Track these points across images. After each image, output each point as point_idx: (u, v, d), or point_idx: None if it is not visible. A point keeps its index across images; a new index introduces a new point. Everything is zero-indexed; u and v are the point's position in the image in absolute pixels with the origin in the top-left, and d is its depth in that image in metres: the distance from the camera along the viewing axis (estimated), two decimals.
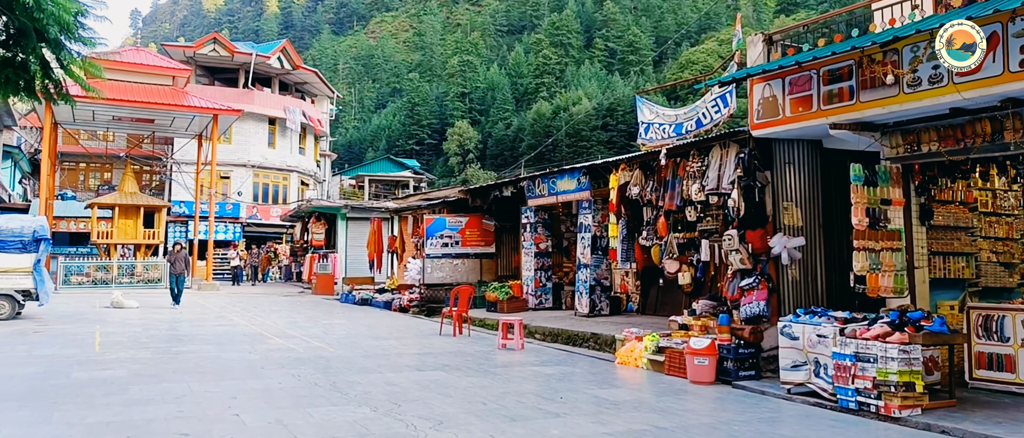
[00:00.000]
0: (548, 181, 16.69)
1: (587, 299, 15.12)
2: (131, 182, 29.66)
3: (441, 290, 19.83)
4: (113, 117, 29.29)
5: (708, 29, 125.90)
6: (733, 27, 62.40)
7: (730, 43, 68.66)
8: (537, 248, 17.34)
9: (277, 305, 22.19)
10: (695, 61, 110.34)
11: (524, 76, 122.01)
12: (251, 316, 18.14)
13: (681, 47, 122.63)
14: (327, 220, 30.14)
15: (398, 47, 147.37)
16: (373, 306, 22.25)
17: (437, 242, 19.96)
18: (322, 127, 47.02)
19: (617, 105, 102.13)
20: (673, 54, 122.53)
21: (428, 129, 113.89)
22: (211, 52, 40.71)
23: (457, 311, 14.35)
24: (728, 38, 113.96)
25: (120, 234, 28.67)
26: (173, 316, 17.66)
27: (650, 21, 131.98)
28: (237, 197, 40.30)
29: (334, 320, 17.57)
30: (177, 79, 29.76)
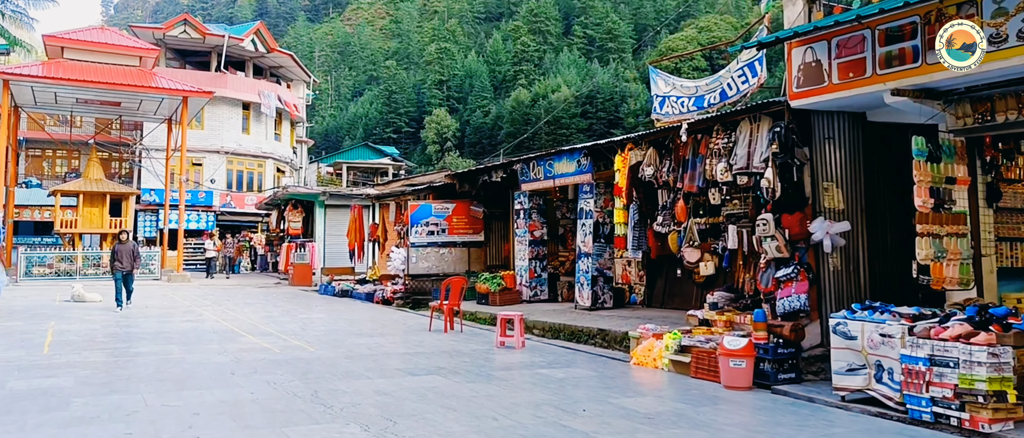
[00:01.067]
0: (544, 164, 15.48)
1: (589, 291, 13.95)
2: (96, 168, 28.02)
3: (427, 281, 18.61)
4: (77, 100, 27.60)
5: (687, 16, 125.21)
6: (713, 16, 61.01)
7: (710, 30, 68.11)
8: (532, 236, 16.14)
9: (252, 298, 20.83)
10: (675, 48, 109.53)
11: (502, 64, 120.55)
12: (223, 310, 16.78)
13: (660, 35, 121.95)
14: (305, 208, 28.74)
15: (375, 34, 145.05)
16: (354, 298, 20.97)
17: (422, 230, 18.70)
18: (298, 112, 45.41)
19: (596, 93, 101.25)
20: (653, 42, 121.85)
21: (405, 117, 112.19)
22: (182, 34, 38.96)
23: (448, 305, 13.13)
24: (707, 25, 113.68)
25: (85, 223, 27.05)
26: (137, 312, 16.26)
27: (629, 9, 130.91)
28: (210, 184, 38.66)
29: (313, 314, 16.27)
30: (144, 60, 28.12)
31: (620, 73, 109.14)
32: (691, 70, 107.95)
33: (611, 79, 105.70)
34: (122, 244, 16.60)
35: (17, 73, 24.17)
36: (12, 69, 24.47)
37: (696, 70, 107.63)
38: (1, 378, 8.31)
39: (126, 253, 16.32)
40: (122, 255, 16.25)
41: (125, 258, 16.25)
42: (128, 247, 16.56)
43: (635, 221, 12.10)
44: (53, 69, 25.25)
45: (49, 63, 26.07)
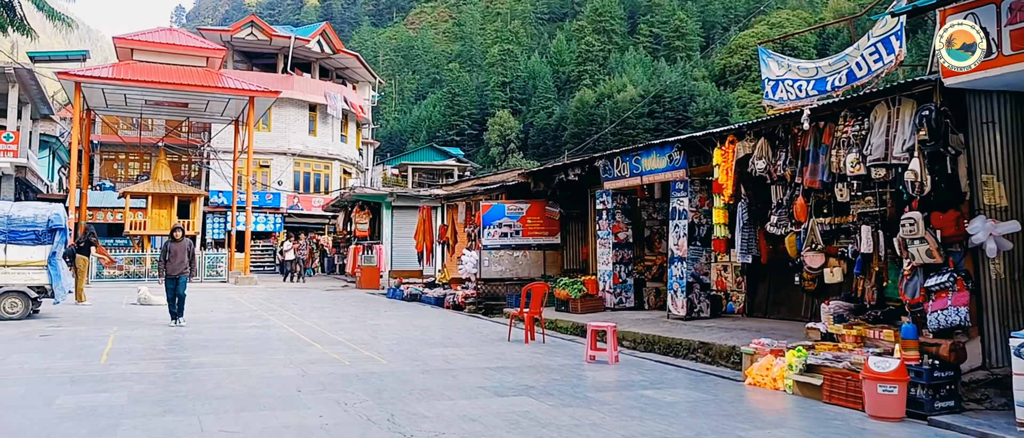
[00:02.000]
0: (630, 159, 14.27)
1: (683, 299, 12.68)
2: (164, 170, 27.90)
3: (500, 286, 17.58)
4: (146, 101, 27.54)
5: (757, 12, 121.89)
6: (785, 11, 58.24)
7: (782, 26, 65.21)
8: (616, 238, 14.92)
9: (319, 301, 20.13)
10: (745, 45, 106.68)
11: (566, 64, 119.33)
12: (290, 315, 16.05)
13: (730, 32, 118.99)
14: (371, 209, 28.09)
15: (438, 37, 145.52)
16: (423, 302, 20.08)
17: (495, 232, 17.67)
18: (364, 114, 45.08)
19: (664, 92, 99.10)
20: (722, 39, 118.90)
21: (468, 119, 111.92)
22: (249, 36, 38.95)
23: (529, 312, 12.03)
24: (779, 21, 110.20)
25: (154, 224, 26.93)
26: (202, 317, 15.63)
27: (696, 5, 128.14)
28: (277, 186, 38.52)
29: (382, 320, 15.38)
30: (212, 60, 27.91)
31: (688, 72, 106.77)
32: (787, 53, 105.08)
33: (679, 78, 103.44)
34: (175, 242, 13.60)
35: (87, 75, 24.14)
36: (83, 71, 24.46)
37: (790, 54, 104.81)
38: (51, 392, 7.56)
39: (180, 252, 13.53)
40: (174, 255, 13.46)
41: (178, 258, 13.48)
42: (182, 245, 13.59)
43: (744, 221, 10.81)
44: (122, 71, 25.18)
45: (119, 65, 26.05)
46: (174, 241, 13.62)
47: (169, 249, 13.54)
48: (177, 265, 13.41)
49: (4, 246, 14.16)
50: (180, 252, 13.51)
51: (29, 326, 13.30)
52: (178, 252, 13.48)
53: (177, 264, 13.41)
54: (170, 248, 13.53)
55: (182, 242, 13.68)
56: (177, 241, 13.61)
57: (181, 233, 13.90)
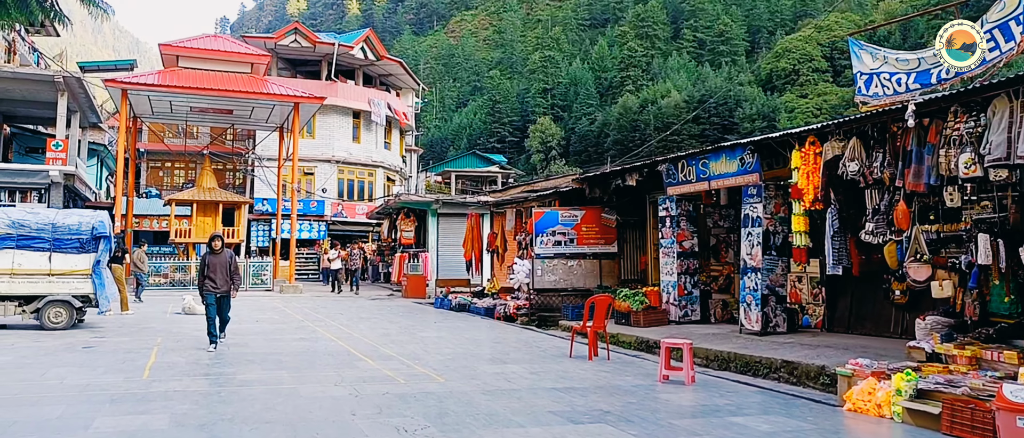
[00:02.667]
0: (696, 163, 13.41)
1: (758, 312, 11.77)
2: (210, 177, 27.70)
3: (554, 296, 16.81)
4: (191, 108, 27.39)
5: (804, 16, 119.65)
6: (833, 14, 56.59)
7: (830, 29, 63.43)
8: (680, 247, 14.06)
9: (365, 311, 19.58)
10: (792, 49, 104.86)
11: (608, 70, 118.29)
12: (337, 326, 15.48)
13: (776, 36, 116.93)
14: (417, 217, 27.52)
15: (478, 45, 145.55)
16: (472, 312, 19.40)
17: (548, 240, 16.92)
18: (408, 121, 44.74)
19: (709, 97, 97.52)
20: (767, 43, 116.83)
21: (509, 126, 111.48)
22: (292, 43, 38.85)
23: (592, 327, 11.23)
24: (827, 24, 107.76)
25: (199, 232, 26.70)
26: (248, 327, 15.14)
27: (741, 9, 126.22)
28: (321, 193, 38.27)
29: (433, 332, 14.71)
30: (256, 66, 27.66)
31: (733, 77, 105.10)
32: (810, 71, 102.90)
33: (724, 83, 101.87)
34: (214, 254, 11.62)
35: (134, 82, 24.02)
36: (129, 78, 24.38)
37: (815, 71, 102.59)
38: (90, 413, 6.99)
39: (220, 267, 11.57)
40: (215, 270, 11.51)
41: (219, 274, 11.52)
42: (223, 258, 11.64)
43: (835, 229, 9.91)
44: (168, 77, 25.03)
45: (164, 72, 25.92)
46: (213, 253, 11.57)
47: (209, 263, 11.53)
48: (220, 282, 11.49)
49: (49, 254, 13.81)
50: (220, 266, 11.52)
51: (73, 337, 12.91)
52: (218, 266, 11.50)
53: (220, 281, 11.49)
54: (210, 262, 11.53)
55: (222, 254, 11.64)
56: (216, 253, 11.56)
57: (220, 243, 11.71)
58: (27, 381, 8.68)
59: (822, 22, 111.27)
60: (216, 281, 11.48)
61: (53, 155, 26.33)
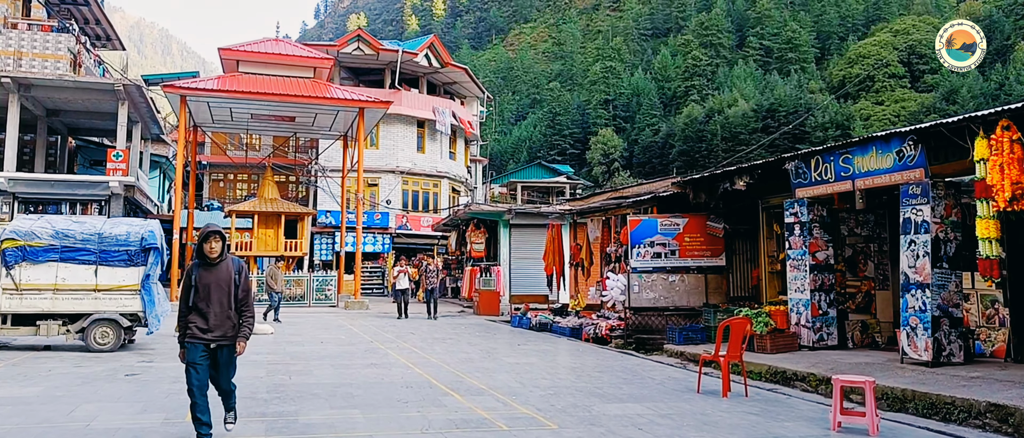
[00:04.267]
0: (835, 159, 11.25)
1: (927, 338, 9.55)
2: (271, 187, 26.41)
3: (653, 316, 14.76)
4: (252, 115, 26.22)
5: (877, 20, 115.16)
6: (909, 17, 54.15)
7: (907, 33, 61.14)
8: (813, 259, 11.89)
9: (439, 330, 17.80)
10: (866, 54, 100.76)
11: (672, 80, 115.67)
12: (410, 349, 13.72)
13: (847, 41, 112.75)
14: (487, 228, 25.78)
15: (537, 58, 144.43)
16: (555, 333, 17.46)
17: (646, 252, 14.90)
18: (473, 129, 43.17)
19: (778, 105, 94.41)
20: (838, 49, 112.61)
21: (570, 139, 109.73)
22: (355, 51, 37.68)
23: (726, 356, 9.17)
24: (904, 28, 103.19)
25: (260, 245, 25.42)
26: (312, 351, 13.49)
27: (809, 16, 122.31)
28: (386, 205, 36.89)
29: (520, 357, 12.79)
30: (319, 71, 26.38)
31: (803, 84, 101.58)
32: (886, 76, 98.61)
33: (794, 91, 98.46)
34: (208, 267, 6.07)
35: (192, 88, 22.91)
36: (188, 84, 23.26)
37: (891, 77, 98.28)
38: None
39: (218, 290, 6.06)
40: (209, 295, 6.04)
41: (215, 304, 6.05)
42: (223, 273, 6.11)
43: None
44: (227, 83, 23.89)
45: (224, 77, 24.80)
46: (206, 264, 6.11)
47: (197, 283, 6.07)
48: (215, 320, 6.07)
49: (95, 267, 12.40)
50: (217, 288, 6.06)
51: (118, 361, 11.41)
52: (214, 288, 6.04)
53: (215, 318, 6.06)
54: (200, 280, 6.08)
55: (221, 265, 6.13)
56: (212, 264, 6.09)
57: (220, 244, 6.12)
58: (49, 422, 7.07)
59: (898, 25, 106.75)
60: (207, 318, 6.05)
61: (113, 166, 25.44)
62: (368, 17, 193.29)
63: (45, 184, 25.11)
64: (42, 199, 24.95)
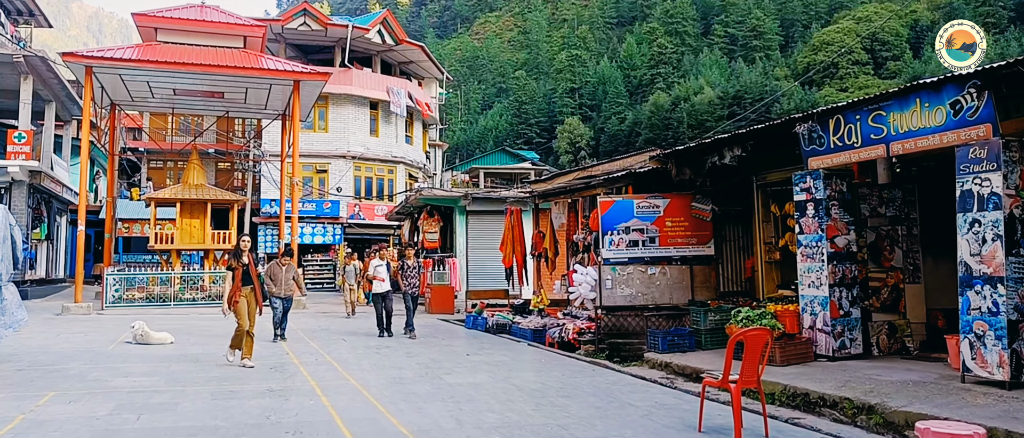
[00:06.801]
0: (863, 117, 8.81)
1: (1000, 349, 7.15)
2: (197, 172, 23.36)
3: (629, 316, 12.27)
4: (174, 90, 23.15)
5: (840, 8, 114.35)
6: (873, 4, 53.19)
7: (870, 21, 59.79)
8: (832, 245, 9.45)
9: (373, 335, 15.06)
10: (830, 42, 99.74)
11: (638, 68, 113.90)
12: (330, 363, 11.05)
13: (811, 29, 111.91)
14: (442, 216, 23.13)
15: (503, 46, 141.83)
16: (515, 335, 14.90)
17: (620, 239, 12.40)
18: (431, 112, 40.35)
19: (744, 92, 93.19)
20: (802, 37, 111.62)
21: (536, 127, 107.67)
22: (302, 26, 34.71)
23: (739, 382, 6.63)
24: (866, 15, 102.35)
25: (183, 237, 22.42)
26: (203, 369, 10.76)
27: (774, 4, 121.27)
28: (336, 193, 34.00)
29: (465, 373, 10.17)
30: (250, 41, 23.38)
31: (769, 71, 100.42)
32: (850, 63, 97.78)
33: (759, 78, 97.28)
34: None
35: (98, 56, 19.84)
36: (92, 53, 20.19)
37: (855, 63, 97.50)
38: None
39: None
40: None
41: None
42: None
43: None
44: (143, 53, 20.83)
45: (139, 47, 21.72)
46: None
47: None
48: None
49: None
50: None
51: None
52: None
53: None
54: None
55: None
56: None
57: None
58: None
59: (861, 13, 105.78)
60: None
61: (14, 148, 22.33)
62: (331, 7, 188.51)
63: None
64: None
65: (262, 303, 10.95)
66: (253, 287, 10.60)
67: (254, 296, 10.62)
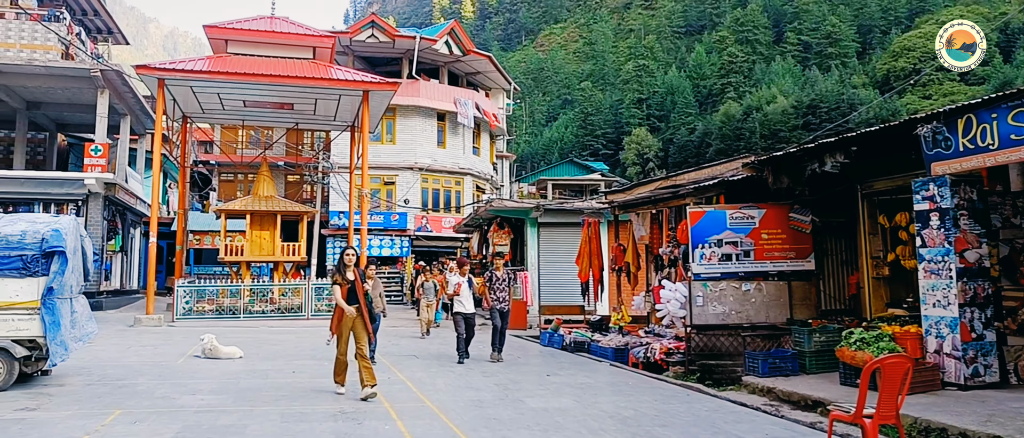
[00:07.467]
0: (1002, 115, 7.76)
1: None
2: (266, 184, 23.27)
3: (722, 335, 11.33)
4: (244, 102, 23.14)
5: (921, 12, 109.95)
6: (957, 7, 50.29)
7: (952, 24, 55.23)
8: (961, 260, 8.39)
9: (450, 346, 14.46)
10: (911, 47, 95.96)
11: (707, 77, 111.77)
12: (403, 381, 10.45)
13: (890, 35, 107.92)
14: (512, 228, 22.48)
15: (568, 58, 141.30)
16: (594, 354, 14.08)
17: (712, 252, 11.49)
18: (498, 122, 39.85)
19: (820, 101, 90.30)
20: (881, 43, 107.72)
21: (602, 139, 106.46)
22: (369, 39, 34.65)
23: (875, 416, 5.72)
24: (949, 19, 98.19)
25: (253, 249, 22.30)
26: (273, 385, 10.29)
27: (849, 9, 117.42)
28: (403, 205, 33.74)
29: (553, 399, 9.41)
30: (319, 51, 23.22)
31: (845, 79, 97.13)
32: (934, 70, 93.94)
33: (835, 86, 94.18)
34: None
35: (169, 69, 19.88)
36: (165, 65, 20.25)
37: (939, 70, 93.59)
38: None
39: None
40: None
41: None
42: None
43: None
44: (214, 64, 20.83)
45: (210, 58, 21.75)
46: None
47: None
48: None
49: None
50: None
51: None
52: None
53: None
54: None
55: None
56: None
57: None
58: None
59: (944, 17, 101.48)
60: None
61: (91, 161, 22.60)
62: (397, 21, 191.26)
63: (14, 182, 22.31)
64: (13, 199, 22.14)
65: (371, 327, 9.30)
66: (359, 307, 9.07)
67: (361, 318, 9.07)
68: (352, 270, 9.21)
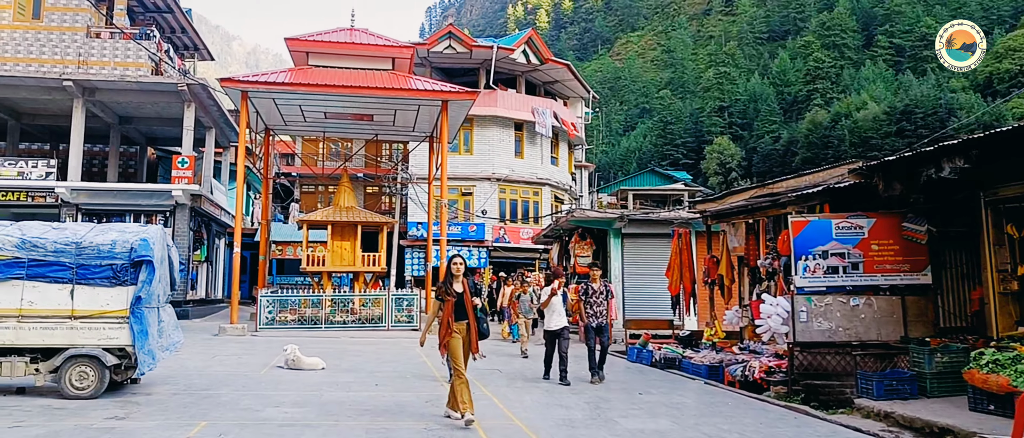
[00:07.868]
0: None
1: None
2: (347, 195, 23.36)
3: (828, 354, 10.49)
4: (325, 114, 23.34)
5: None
6: None
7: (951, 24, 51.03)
8: None
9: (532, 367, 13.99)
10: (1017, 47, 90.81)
11: (792, 84, 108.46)
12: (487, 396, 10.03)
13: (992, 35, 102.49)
14: (594, 239, 21.90)
15: (646, 66, 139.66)
16: (685, 371, 13.38)
17: (817, 265, 10.68)
18: (577, 132, 39.32)
19: (915, 107, 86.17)
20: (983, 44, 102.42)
21: (682, 148, 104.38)
22: (446, 49, 34.66)
23: None
24: None
25: (334, 259, 22.38)
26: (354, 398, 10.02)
27: (946, 9, 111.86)
28: (481, 216, 33.54)
29: (647, 420, 8.83)
30: (399, 62, 23.23)
31: (943, 83, 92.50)
32: None
33: (932, 90, 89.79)
34: None
35: (253, 81, 20.15)
36: (248, 78, 20.56)
37: None
38: None
39: None
40: None
41: None
42: None
43: None
44: (295, 76, 21.05)
45: (291, 71, 22.01)
46: None
47: None
48: None
49: (71, 287, 9.36)
50: None
51: (89, 415, 8.25)
52: None
53: None
54: None
55: None
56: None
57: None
58: None
59: None
60: None
61: (178, 173, 23.15)
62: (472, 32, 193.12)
63: (108, 194, 23.09)
64: (106, 210, 22.89)
65: (477, 344, 8.26)
66: (468, 323, 8.11)
67: (469, 335, 8.13)
68: (461, 281, 8.26)
